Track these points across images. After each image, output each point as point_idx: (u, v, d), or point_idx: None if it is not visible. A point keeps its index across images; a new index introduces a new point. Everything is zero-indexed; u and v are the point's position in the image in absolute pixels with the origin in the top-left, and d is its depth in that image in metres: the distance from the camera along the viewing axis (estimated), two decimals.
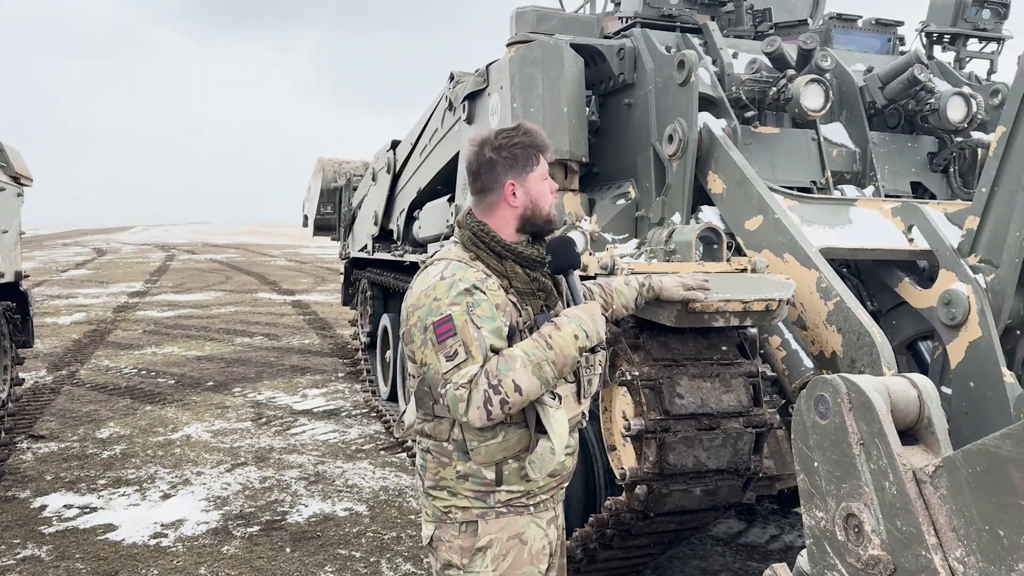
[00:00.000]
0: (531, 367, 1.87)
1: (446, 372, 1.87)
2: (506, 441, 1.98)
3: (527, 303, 2.02)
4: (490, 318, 1.91)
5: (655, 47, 3.96)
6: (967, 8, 4.65)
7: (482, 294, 1.93)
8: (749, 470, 2.95)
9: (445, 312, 1.89)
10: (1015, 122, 3.08)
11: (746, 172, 3.44)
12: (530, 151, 2.05)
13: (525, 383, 1.86)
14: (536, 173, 2.06)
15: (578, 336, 1.94)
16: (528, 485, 2.02)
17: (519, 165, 2.04)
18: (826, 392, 1.64)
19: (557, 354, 1.91)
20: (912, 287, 3.35)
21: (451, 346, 1.87)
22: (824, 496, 1.66)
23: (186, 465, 5.76)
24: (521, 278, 2.02)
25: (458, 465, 2.00)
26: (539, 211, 2.06)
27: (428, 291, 1.94)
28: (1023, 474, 1.30)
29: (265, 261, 29.53)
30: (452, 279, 1.93)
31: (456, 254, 2.03)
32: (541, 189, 2.07)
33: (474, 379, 1.85)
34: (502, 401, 1.85)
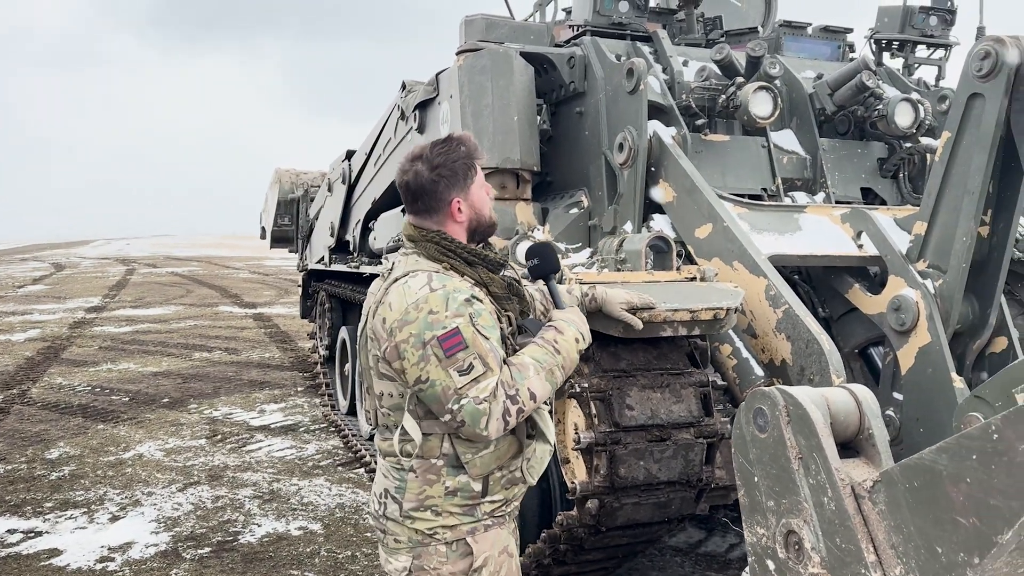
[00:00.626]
0: (544, 373, 1.89)
1: (461, 387, 1.81)
2: (498, 450, 1.95)
3: (506, 308, 2.00)
4: (492, 327, 1.89)
5: (605, 55, 3.93)
6: (914, 15, 4.70)
7: (480, 303, 1.90)
8: (701, 481, 2.91)
9: (450, 325, 1.82)
10: (959, 127, 3.09)
11: (695, 180, 3.42)
12: (468, 163, 2.00)
13: (540, 390, 1.88)
14: (476, 183, 2.02)
15: (579, 339, 1.99)
16: (507, 493, 2.00)
17: (460, 180, 1.99)
18: (764, 405, 1.60)
19: (565, 358, 1.94)
20: (862, 293, 3.35)
21: (464, 360, 1.82)
22: (765, 512, 1.62)
23: (137, 485, 5.60)
24: (497, 283, 2.00)
25: (447, 480, 1.93)
26: (483, 219, 2.04)
27: (419, 304, 1.85)
28: (959, 489, 1.27)
29: (228, 274, 29.13)
30: (445, 290, 1.87)
31: (428, 265, 1.96)
32: (481, 197, 2.04)
33: (494, 391, 1.83)
34: (519, 410, 1.86)
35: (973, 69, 3.02)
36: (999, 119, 2.98)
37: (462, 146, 2.01)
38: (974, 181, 3.03)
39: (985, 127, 3.00)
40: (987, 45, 2.98)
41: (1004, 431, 1.19)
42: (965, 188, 3.05)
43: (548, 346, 1.93)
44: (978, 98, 3.02)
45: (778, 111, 3.67)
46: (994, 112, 2.98)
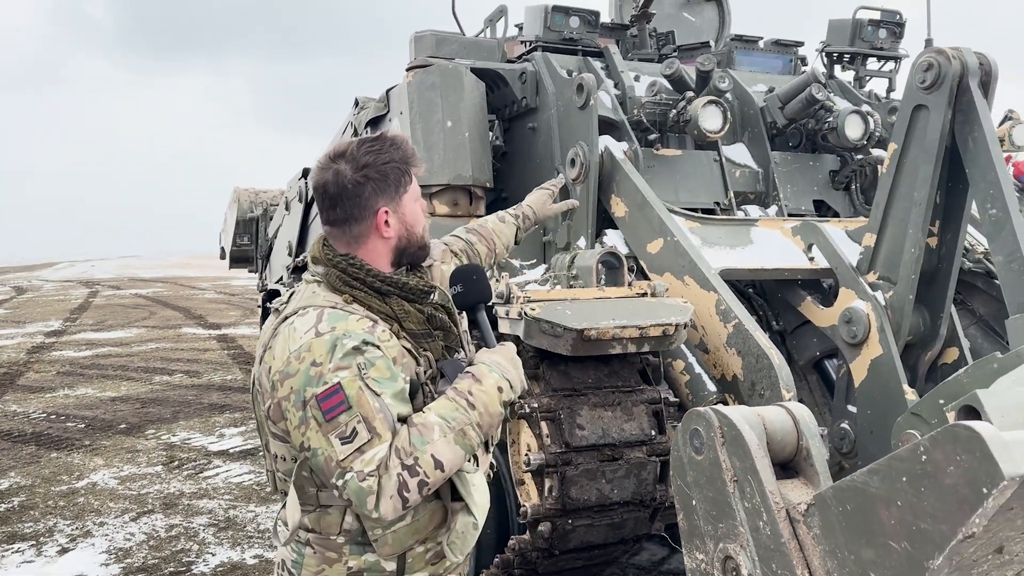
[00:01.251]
0: (452, 435, 1.52)
1: (344, 458, 1.48)
2: (416, 523, 1.62)
3: (424, 347, 1.67)
4: (390, 379, 1.54)
5: (556, 71, 3.92)
6: (864, 28, 4.74)
7: (375, 350, 1.54)
8: (655, 500, 2.87)
9: (331, 381, 1.50)
10: (905, 139, 3.10)
11: (646, 195, 3.40)
12: (402, 168, 1.68)
13: (447, 456, 1.51)
14: (409, 195, 1.71)
15: (502, 388, 1.61)
16: (435, 568, 1.67)
17: (391, 187, 1.66)
18: (700, 426, 1.56)
19: (482, 414, 1.57)
20: (814, 306, 3.34)
21: (346, 424, 1.48)
22: (703, 537, 1.58)
23: (88, 515, 5.44)
24: (414, 317, 1.66)
25: (350, 560, 1.61)
26: (414, 238, 1.72)
27: (300, 353, 1.53)
28: (890, 512, 1.23)
29: (193, 294, 28.75)
30: (333, 335, 1.53)
31: (326, 298, 1.63)
32: (415, 212, 1.73)
33: (383, 462, 1.48)
34: (420, 483, 1.49)
35: (917, 81, 3.04)
36: (943, 130, 2.99)
37: (396, 148, 1.69)
38: (921, 192, 3.03)
39: (930, 138, 3.01)
40: (929, 57, 3.00)
41: (932, 452, 1.16)
42: (912, 199, 3.06)
43: (460, 400, 1.57)
44: (922, 110, 3.04)
45: (728, 125, 3.67)
46: (938, 123, 2.99)
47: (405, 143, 1.73)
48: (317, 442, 1.50)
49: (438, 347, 1.69)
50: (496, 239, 2.27)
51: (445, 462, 1.51)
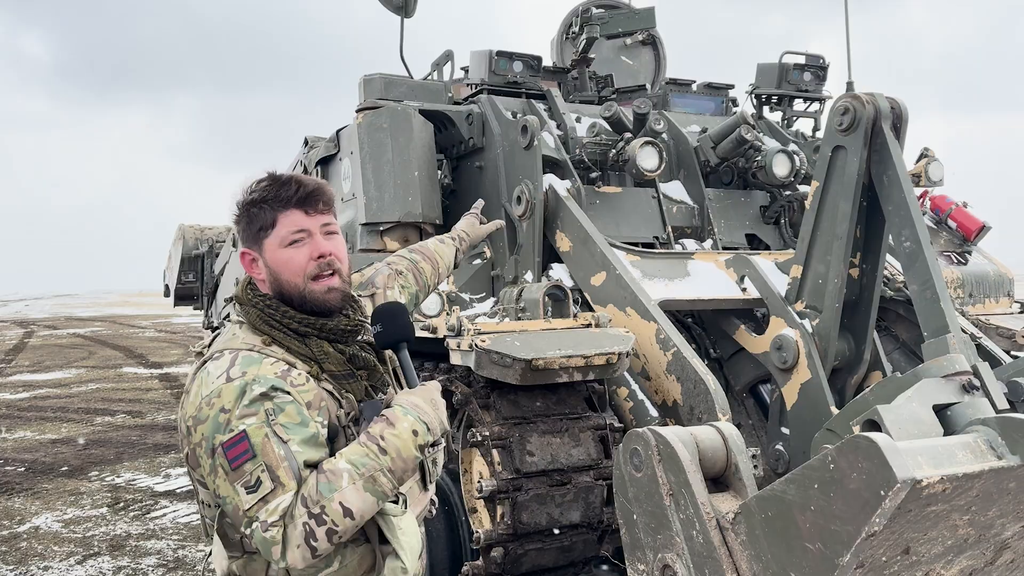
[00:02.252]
0: (362, 482, 1.49)
1: (248, 508, 1.46)
2: (344, 568, 1.58)
3: (346, 388, 1.65)
4: (300, 424, 1.51)
5: (501, 113, 4.08)
6: (790, 71, 5.03)
7: (285, 395, 1.52)
8: (603, 523, 3.00)
9: (237, 429, 1.48)
10: (826, 177, 3.33)
11: (589, 231, 3.56)
12: (263, 208, 1.62)
13: (356, 504, 1.48)
14: (272, 238, 1.63)
15: (418, 431, 1.55)
16: None
17: (252, 230, 1.64)
18: (639, 445, 1.70)
19: (394, 459, 1.52)
20: (747, 334, 3.53)
21: (250, 473, 1.46)
22: (644, 548, 1.71)
23: (32, 560, 5.33)
24: (334, 358, 1.64)
25: None
26: (285, 287, 1.63)
27: (211, 398, 1.51)
28: (805, 517, 1.38)
29: (133, 333, 28.13)
30: (243, 380, 1.51)
31: (244, 340, 1.61)
32: (280, 258, 1.62)
33: (287, 511, 1.46)
34: (328, 532, 1.46)
35: (835, 124, 3.28)
36: (860, 169, 3.23)
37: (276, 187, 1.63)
38: (842, 227, 3.26)
39: (848, 176, 3.25)
40: (846, 102, 3.25)
41: (838, 461, 1.31)
42: (834, 233, 3.28)
43: (372, 445, 1.52)
44: (841, 150, 3.27)
45: (663, 164, 3.87)
46: (856, 162, 3.22)
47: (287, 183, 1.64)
48: (225, 490, 1.49)
49: (360, 387, 1.67)
50: (439, 259, 2.33)
51: (355, 510, 1.47)
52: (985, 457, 1.38)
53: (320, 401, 1.58)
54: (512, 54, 4.41)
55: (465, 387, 3.08)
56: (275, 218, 1.62)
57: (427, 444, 1.58)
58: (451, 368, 3.27)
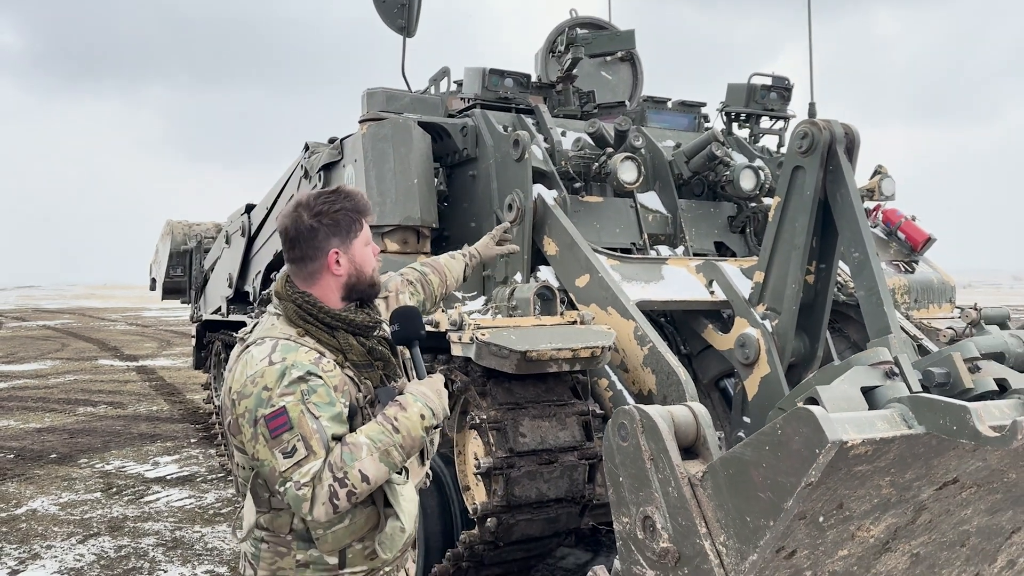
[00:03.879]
0: (378, 454, 1.79)
1: (284, 470, 1.75)
2: (353, 524, 1.90)
3: (365, 375, 1.95)
4: (329, 404, 1.81)
5: (493, 126, 4.44)
6: (757, 91, 5.45)
7: (318, 379, 1.82)
8: (584, 497, 3.37)
9: (278, 404, 1.77)
10: (787, 193, 3.73)
11: (574, 236, 3.93)
12: (352, 216, 1.97)
13: (372, 472, 1.78)
14: (360, 239, 1.99)
15: (425, 416, 1.87)
16: (373, 563, 1.97)
17: (342, 231, 1.96)
18: (625, 420, 2.07)
19: (404, 437, 1.83)
20: (715, 332, 3.92)
21: (288, 441, 1.76)
22: (628, 504, 2.08)
23: (34, 539, 5.59)
24: (356, 350, 1.94)
25: (298, 554, 1.92)
26: (364, 277, 2.00)
27: (255, 378, 1.81)
28: (758, 472, 1.76)
29: (104, 326, 28.03)
30: (283, 365, 1.81)
31: (282, 331, 1.91)
32: (365, 255, 2.00)
33: (317, 475, 1.75)
34: (349, 493, 1.76)
35: (795, 146, 3.68)
36: (816, 187, 3.63)
37: (349, 199, 1.98)
38: (799, 238, 3.66)
39: (806, 194, 3.64)
40: (805, 127, 3.65)
41: (784, 427, 1.69)
42: (793, 244, 3.68)
43: (387, 424, 1.83)
44: (800, 170, 3.67)
45: (642, 177, 4.25)
46: (813, 181, 3.62)
47: (358, 195, 2.02)
48: (264, 455, 1.78)
49: (377, 376, 1.97)
50: (447, 273, 2.68)
51: (371, 476, 1.78)
52: (899, 426, 1.75)
53: (344, 385, 1.89)
54: (504, 72, 4.77)
55: (464, 376, 3.43)
56: (361, 223, 1.99)
57: (432, 427, 1.90)
58: (450, 359, 3.62)
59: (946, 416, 1.69)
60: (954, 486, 2.10)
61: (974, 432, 1.65)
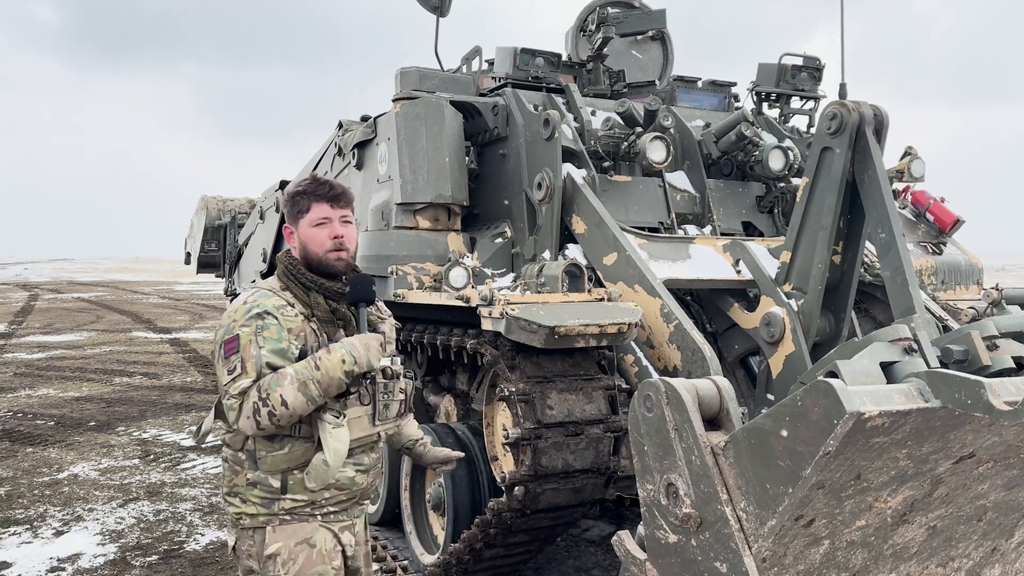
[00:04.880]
0: (297, 384, 2.06)
1: (225, 384, 2.10)
2: (291, 453, 2.17)
3: (326, 331, 2.24)
4: (276, 340, 2.12)
5: (524, 105, 4.50)
6: (788, 71, 5.45)
7: (273, 319, 2.14)
8: (609, 469, 3.46)
9: (234, 332, 2.12)
10: (815, 174, 3.77)
11: (603, 215, 4.00)
12: (303, 198, 2.26)
13: (291, 398, 2.05)
14: (307, 219, 2.25)
15: (345, 360, 2.12)
16: (312, 495, 2.18)
17: (293, 211, 2.28)
18: (651, 391, 2.15)
19: (323, 375, 2.09)
20: (740, 311, 3.98)
21: (233, 362, 2.10)
22: (652, 472, 2.17)
23: (76, 503, 5.81)
24: (322, 308, 2.24)
25: (248, 473, 2.18)
26: (309, 254, 2.25)
27: (231, 313, 2.18)
28: (779, 441, 1.84)
29: (137, 299, 28.53)
30: (251, 304, 2.16)
31: (270, 284, 2.27)
32: (310, 234, 2.25)
33: (246, 392, 2.07)
34: (270, 413, 2.05)
35: (824, 127, 3.71)
36: (845, 168, 3.66)
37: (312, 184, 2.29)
38: (827, 219, 3.70)
39: (834, 174, 3.68)
40: (834, 108, 3.67)
41: (804, 400, 1.76)
42: (820, 224, 3.72)
43: (312, 362, 2.10)
44: (828, 151, 3.70)
45: (671, 157, 4.30)
46: (841, 163, 3.66)
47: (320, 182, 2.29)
48: (218, 372, 2.15)
49: (336, 332, 2.26)
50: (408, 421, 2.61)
51: (289, 402, 2.06)
52: (915, 400, 1.82)
53: (300, 331, 2.19)
54: (535, 51, 4.82)
55: (493, 350, 3.53)
56: (310, 206, 2.26)
57: (353, 373, 2.14)
58: (479, 333, 3.72)
59: (961, 390, 1.75)
60: (971, 460, 2.16)
61: (988, 406, 1.71)
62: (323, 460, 2.13)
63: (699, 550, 2.04)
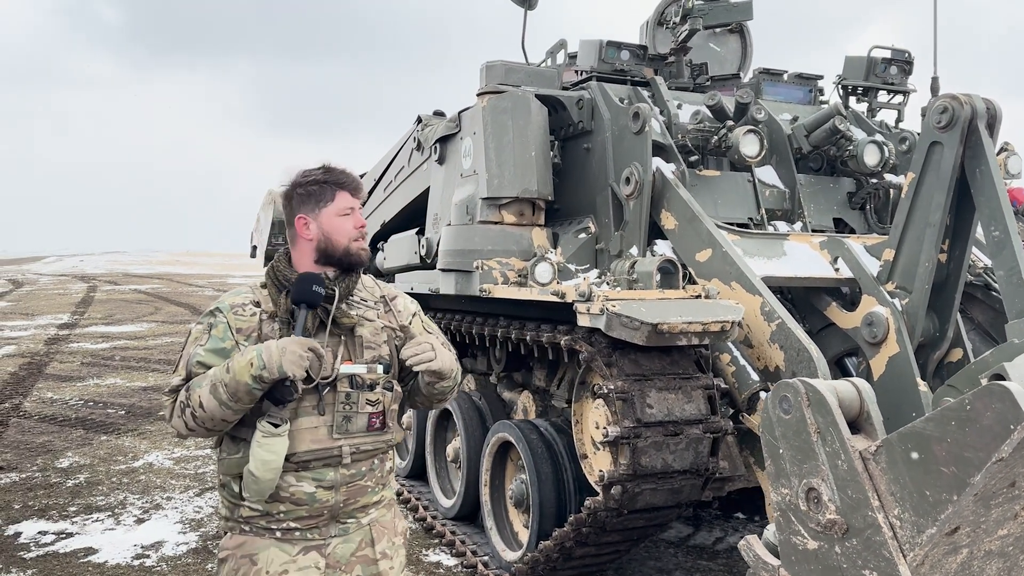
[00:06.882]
0: (209, 387, 1.98)
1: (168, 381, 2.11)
2: (243, 457, 2.05)
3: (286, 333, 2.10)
4: (219, 339, 2.07)
5: (611, 99, 4.43)
6: (877, 64, 5.30)
7: (222, 317, 2.09)
8: (707, 470, 3.38)
9: (190, 328, 2.15)
10: (922, 169, 3.64)
11: (695, 211, 3.91)
12: (325, 187, 2.15)
13: (206, 401, 1.97)
14: (331, 208, 2.14)
15: (254, 363, 1.95)
16: (266, 507, 2.07)
17: (311, 201, 2.15)
18: (788, 393, 2.07)
19: (231, 379, 1.96)
20: (838, 310, 3.87)
21: (177, 358, 2.12)
22: (788, 476, 2.09)
23: (154, 491, 5.89)
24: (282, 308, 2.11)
25: (220, 473, 2.16)
26: (334, 244, 2.14)
27: None
28: (942, 447, 1.75)
29: (192, 291, 29.05)
30: (218, 302, 2.15)
31: (253, 282, 2.24)
32: (335, 224, 2.14)
33: (175, 389, 2.05)
34: (192, 414, 1.99)
35: (933, 121, 3.58)
36: (955, 163, 3.53)
37: (328, 173, 2.18)
38: (935, 216, 3.57)
39: (944, 170, 3.55)
40: (945, 101, 3.54)
41: (975, 403, 1.68)
42: (927, 221, 3.60)
43: (224, 365, 2.01)
44: (937, 146, 3.57)
45: (764, 151, 4.20)
46: (951, 158, 3.53)
47: (340, 172, 2.19)
48: None
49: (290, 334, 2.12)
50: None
51: (205, 405, 1.98)
52: None
53: (252, 331, 2.09)
54: (620, 44, 4.74)
55: (588, 346, 3.47)
56: (334, 194, 2.16)
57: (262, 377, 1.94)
58: (572, 329, 3.66)
59: None
60: None
61: None
62: (248, 470, 2.00)
63: (844, 557, 1.96)
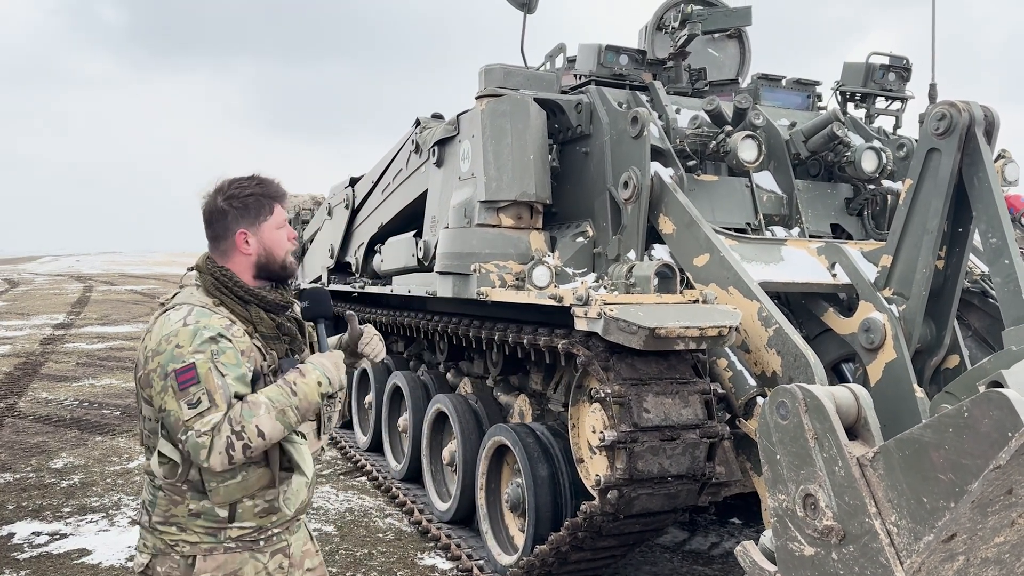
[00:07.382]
0: (275, 413, 1.93)
1: (188, 419, 1.89)
2: (246, 481, 2.01)
3: (272, 347, 2.10)
4: (235, 365, 1.96)
5: (609, 103, 4.43)
6: (875, 71, 5.31)
7: (227, 342, 1.97)
8: (704, 475, 3.38)
9: (188, 360, 1.91)
10: (920, 176, 3.64)
11: (693, 215, 3.91)
12: (263, 200, 2.10)
13: (268, 428, 1.92)
14: (270, 222, 2.11)
15: (321, 383, 2.02)
16: (262, 520, 2.07)
17: (251, 215, 2.09)
18: (786, 398, 2.07)
19: (301, 400, 1.98)
20: (835, 316, 3.87)
21: (194, 394, 1.89)
22: (785, 482, 2.09)
23: None
24: (266, 323, 2.10)
25: (191, 504, 2.02)
26: (273, 258, 2.12)
27: (170, 337, 1.95)
28: (939, 454, 1.75)
29: None
30: (196, 326, 1.95)
31: (199, 299, 2.05)
32: (275, 237, 2.12)
33: (217, 426, 1.89)
34: (244, 446, 1.90)
35: (931, 128, 3.58)
36: (953, 170, 3.53)
37: (260, 186, 2.11)
38: (932, 222, 3.57)
39: (941, 177, 3.55)
40: (943, 108, 3.55)
41: (973, 410, 1.67)
42: (925, 228, 3.60)
43: (286, 387, 1.98)
44: (935, 152, 3.58)
45: (762, 156, 4.20)
46: (949, 164, 3.53)
47: (271, 183, 2.14)
48: (171, 405, 1.92)
49: (283, 348, 2.13)
50: None
51: (266, 432, 1.93)
52: None
53: (250, 352, 2.05)
54: (619, 48, 4.75)
55: (585, 350, 3.46)
56: (272, 207, 2.12)
57: (327, 394, 2.05)
58: (569, 333, 3.66)
59: None
60: None
61: None
62: (304, 482, 2.04)
63: (841, 564, 1.95)
